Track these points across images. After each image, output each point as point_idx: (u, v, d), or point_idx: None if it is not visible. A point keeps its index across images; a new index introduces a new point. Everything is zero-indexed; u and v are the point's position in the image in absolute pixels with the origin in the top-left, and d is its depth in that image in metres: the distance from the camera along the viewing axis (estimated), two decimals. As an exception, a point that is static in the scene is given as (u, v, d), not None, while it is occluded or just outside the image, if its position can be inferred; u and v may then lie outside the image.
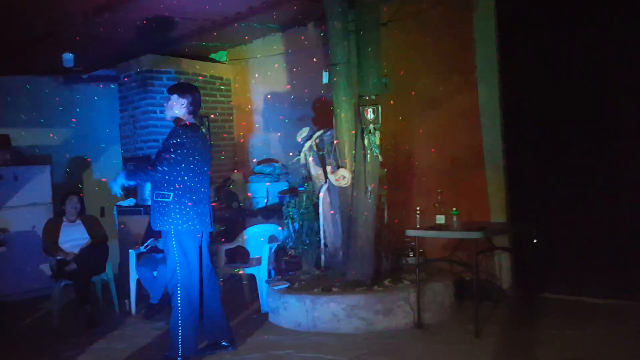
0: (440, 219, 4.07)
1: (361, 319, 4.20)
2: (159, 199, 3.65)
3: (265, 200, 6.40)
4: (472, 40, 5.02)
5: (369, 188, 4.43)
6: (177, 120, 3.78)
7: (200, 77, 6.78)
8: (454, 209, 4.04)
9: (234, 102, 7.24)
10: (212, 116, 6.94)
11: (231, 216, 6.26)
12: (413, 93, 5.24)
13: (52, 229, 5.25)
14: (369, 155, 4.40)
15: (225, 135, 7.15)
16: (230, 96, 7.24)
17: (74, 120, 7.02)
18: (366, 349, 3.84)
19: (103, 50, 6.14)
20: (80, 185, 6.96)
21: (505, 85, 4.93)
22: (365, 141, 4.35)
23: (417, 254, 4.35)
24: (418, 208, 4.20)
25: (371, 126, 4.31)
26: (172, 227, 3.63)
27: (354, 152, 4.53)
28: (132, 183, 3.77)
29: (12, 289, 5.99)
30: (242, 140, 7.22)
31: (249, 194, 6.54)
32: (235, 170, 6.91)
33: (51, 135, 6.91)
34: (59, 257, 5.12)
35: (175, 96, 3.77)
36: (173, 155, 3.57)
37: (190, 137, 3.66)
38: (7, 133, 6.48)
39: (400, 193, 5.11)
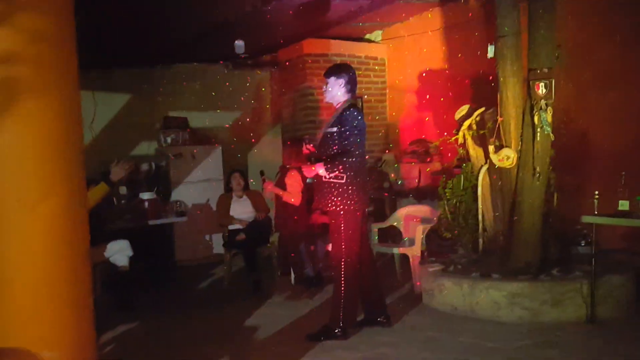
0: (624, 205, 3.64)
1: (525, 309, 3.97)
2: (334, 180, 3.74)
3: (417, 180, 6.31)
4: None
5: (537, 169, 4.12)
6: (340, 101, 3.85)
7: (355, 58, 6.87)
8: (643, 194, 3.58)
9: (388, 81, 7.22)
10: (365, 97, 7.01)
11: (382, 196, 6.29)
12: (590, 65, 4.72)
13: (225, 202, 5.77)
14: (538, 134, 4.08)
15: (378, 115, 7.19)
16: (385, 76, 7.24)
17: (241, 101, 7.60)
18: (530, 340, 3.63)
19: (267, 37, 6.52)
20: (244, 163, 7.54)
21: None
22: (535, 118, 4.03)
23: (592, 243, 3.95)
24: (597, 192, 3.79)
25: (542, 102, 3.98)
26: (342, 206, 3.74)
27: (521, 130, 4.24)
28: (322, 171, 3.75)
29: (190, 255, 6.75)
30: (395, 120, 7.20)
31: (400, 174, 6.51)
32: (388, 151, 6.93)
33: (221, 118, 7.57)
34: (231, 227, 5.62)
35: (332, 78, 3.88)
36: (357, 138, 3.70)
37: (361, 118, 3.78)
38: (185, 116, 7.25)
39: (571, 176, 4.66)
